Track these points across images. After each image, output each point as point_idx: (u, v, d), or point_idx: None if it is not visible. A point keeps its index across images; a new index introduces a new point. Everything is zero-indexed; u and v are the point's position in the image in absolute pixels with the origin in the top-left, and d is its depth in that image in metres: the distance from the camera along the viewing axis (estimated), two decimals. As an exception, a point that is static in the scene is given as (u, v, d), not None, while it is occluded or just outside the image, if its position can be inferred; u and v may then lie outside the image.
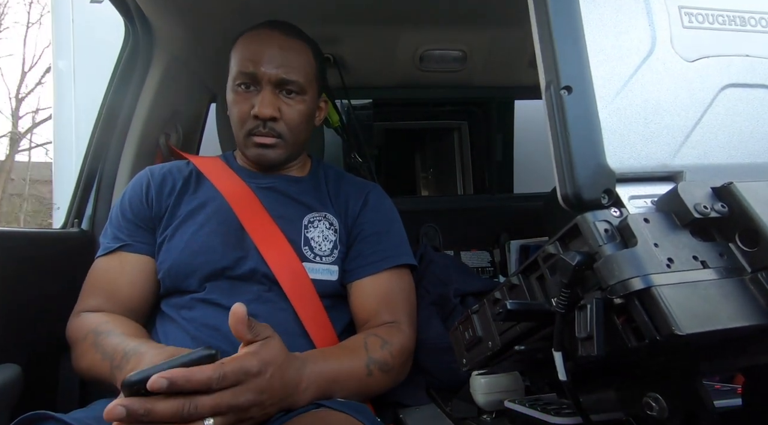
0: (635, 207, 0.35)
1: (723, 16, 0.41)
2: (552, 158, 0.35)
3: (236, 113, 0.74)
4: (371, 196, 0.80)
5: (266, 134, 0.73)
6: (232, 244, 0.70)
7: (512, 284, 0.42)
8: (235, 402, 0.46)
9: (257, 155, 0.74)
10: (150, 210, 0.74)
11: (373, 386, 0.65)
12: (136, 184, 0.77)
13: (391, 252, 0.75)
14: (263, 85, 0.72)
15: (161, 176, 0.77)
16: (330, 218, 0.76)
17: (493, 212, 1.38)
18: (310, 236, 0.73)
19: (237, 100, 0.73)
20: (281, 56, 0.73)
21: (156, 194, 0.74)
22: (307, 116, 0.77)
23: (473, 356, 0.48)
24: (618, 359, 0.34)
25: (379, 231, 0.77)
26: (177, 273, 0.69)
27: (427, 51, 1.14)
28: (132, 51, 0.97)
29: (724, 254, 0.33)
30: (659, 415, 0.37)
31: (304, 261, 0.71)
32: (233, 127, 0.76)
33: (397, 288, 0.74)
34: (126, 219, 0.74)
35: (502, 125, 1.55)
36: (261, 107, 0.71)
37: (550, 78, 0.35)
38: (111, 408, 0.41)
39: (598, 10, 0.38)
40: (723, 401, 0.49)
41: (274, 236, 0.71)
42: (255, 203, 0.73)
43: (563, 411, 0.50)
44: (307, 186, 0.80)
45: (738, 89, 0.40)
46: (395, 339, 0.68)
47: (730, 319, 0.30)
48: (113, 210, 0.76)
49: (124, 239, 0.72)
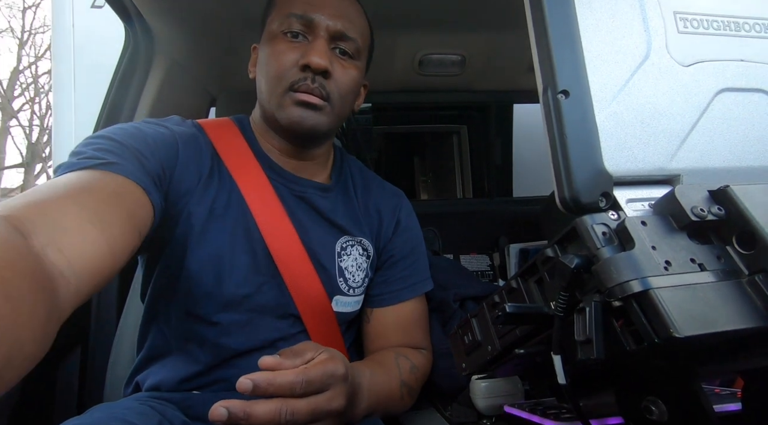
0: (633, 210, 0.36)
1: (718, 21, 0.42)
2: (550, 161, 0.36)
3: (276, 65, 0.58)
4: (403, 214, 0.72)
5: (314, 91, 0.58)
6: (257, 267, 0.59)
7: (511, 288, 0.42)
8: (329, 407, 0.44)
9: (298, 117, 0.58)
10: (170, 173, 0.55)
11: (399, 408, 0.62)
12: (165, 136, 0.57)
13: (418, 279, 0.70)
14: (318, 33, 0.59)
15: (188, 142, 0.59)
16: (364, 244, 0.67)
17: (493, 216, 1.39)
18: (344, 266, 0.64)
19: (279, 49, 0.58)
20: (342, 7, 0.61)
21: (183, 163, 0.56)
22: (357, 85, 0.64)
23: (473, 360, 0.48)
24: (617, 362, 0.34)
25: (407, 256, 0.70)
26: (185, 290, 0.58)
27: (426, 55, 1.15)
28: (132, 55, 0.97)
29: (721, 257, 0.33)
30: (659, 419, 0.37)
31: (337, 294, 0.63)
32: (265, 85, 0.61)
33: (418, 315, 0.70)
34: (136, 140, 0.53)
35: (501, 129, 1.56)
36: (314, 55, 0.56)
37: (547, 82, 0.36)
38: (214, 408, 0.41)
39: (595, 15, 0.38)
40: (723, 405, 0.49)
41: (302, 264, 0.60)
42: (284, 220, 0.61)
43: (563, 415, 0.49)
44: (336, 198, 0.68)
45: (733, 94, 0.40)
46: (421, 364, 0.66)
47: (728, 322, 0.30)
48: (99, 134, 0.53)
49: (101, 157, 0.48)
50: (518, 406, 0.55)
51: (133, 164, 0.50)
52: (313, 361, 0.46)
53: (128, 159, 0.50)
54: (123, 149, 0.51)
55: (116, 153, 0.50)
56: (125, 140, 0.52)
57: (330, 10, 0.60)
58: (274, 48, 0.60)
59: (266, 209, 0.60)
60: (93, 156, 0.48)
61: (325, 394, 0.45)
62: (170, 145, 0.57)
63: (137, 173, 0.49)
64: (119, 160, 0.49)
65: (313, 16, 0.59)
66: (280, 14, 0.61)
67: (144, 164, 0.51)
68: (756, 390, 0.41)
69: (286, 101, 0.59)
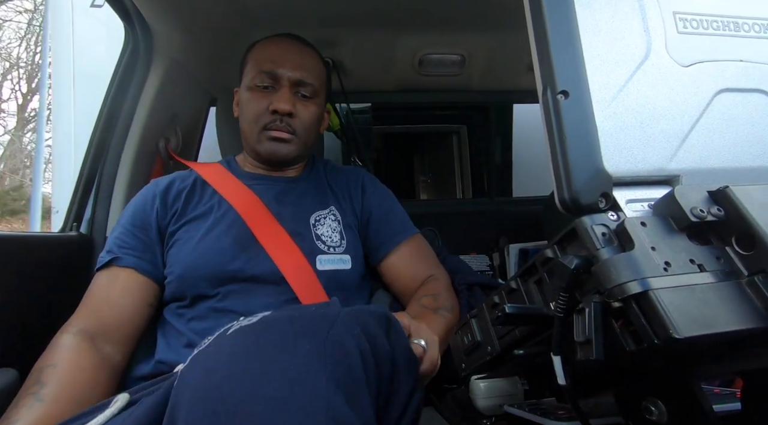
0: (632, 211, 0.36)
1: (717, 21, 0.42)
2: (549, 162, 0.36)
3: (252, 110, 0.78)
4: (365, 181, 0.87)
5: (282, 129, 0.77)
6: (242, 246, 0.72)
7: (511, 288, 0.42)
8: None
9: (272, 149, 0.78)
10: (155, 220, 0.74)
11: (452, 323, 0.72)
12: (142, 195, 0.78)
13: (403, 226, 0.84)
14: (282, 84, 0.77)
15: (166, 185, 0.79)
16: (333, 211, 0.81)
17: (492, 216, 1.39)
18: (320, 233, 0.77)
19: (254, 97, 0.78)
20: (300, 59, 0.79)
21: (161, 204, 0.76)
22: (317, 118, 0.83)
23: (473, 361, 0.48)
24: (617, 363, 0.34)
25: (387, 212, 0.85)
26: (189, 277, 0.69)
27: (426, 55, 1.15)
28: (131, 55, 0.97)
29: (720, 258, 0.33)
30: (659, 420, 0.37)
31: (319, 254, 0.75)
32: (246, 125, 0.79)
33: (418, 251, 0.83)
34: (125, 229, 0.74)
35: (501, 129, 1.56)
36: (280, 103, 0.76)
37: (547, 83, 0.36)
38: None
39: (594, 15, 0.38)
40: (722, 405, 0.49)
41: (280, 236, 0.74)
42: (260, 206, 0.76)
43: (562, 416, 0.49)
44: (307, 184, 0.83)
45: (732, 94, 0.40)
46: (437, 287, 0.78)
47: (727, 323, 0.30)
48: (117, 223, 0.77)
49: (115, 251, 0.71)
50: (518, 406, 0.55)
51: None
52: None
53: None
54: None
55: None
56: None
57: (290, 64, 0.78)
58: (250, 96, 0.78)
59: (246, 204, 0.76)
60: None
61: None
62: (143, 203, 0.77)
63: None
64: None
65: (277, 71, 0.77)
66: (252, 70, 0.79)
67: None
68: (755, 390, 0.41)
69: (262, 137, 0.78)
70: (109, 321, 0.67)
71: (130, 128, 0.99)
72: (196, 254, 0.70)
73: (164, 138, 1.06)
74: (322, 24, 1.02)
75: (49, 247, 0.89)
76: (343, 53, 1.13)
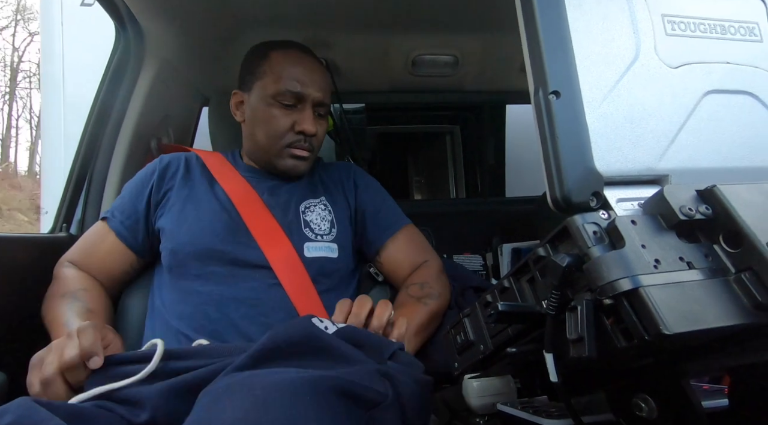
0: (623, 210, 0.36)
1: (704, 24, 0.43)
2: (541, 161, 0.36)
3: (276, 127, 0.79)
4: (357, 176, 0.90)
5: (305, 148, 0.81)
6: (232, 230, 0.75)
7: (503, 287, 0.42)
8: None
9: (293, 166, 0.81)
10: (147, 194, 0.79)
11: (435, 309, 0.76)
12: (147, 168, 0.83)
13: (396, 217, 0.88)
14: (307, 104, 0.80)
15: (168, 161, 0.83)
16: (324, 202, 0.84)
17: (486, 216, 1.39)
18: (309, 220, 0.80)
19: (278, 114, 0.79)
20: (321, 81, 0.82)
21: (158, 179, 0.80)
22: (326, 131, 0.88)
23: (465, 359, 0.48)
24: (608, 360, 0.34)
25: (380, 206, 0.88)
26: (179, 252, 0.74)
27: (420, 56, 1.15)
28: (123, 54, 0.96)
29: (709, 256, 0.34)
30: (648, 416, 0.37)
31: (306, 241, 0.77)
32: (265, 139, 0.81)
33: (412, 240, 0.87)
34: (123, 197, 0.80)
35: (493, 129, 1.57)
36: (308, 125, 0.79)
37: (539, 83, 0.36)
38: None
39: (585, 17, 0.39)
40: (711, 401, 0.50)
41: (270, 225, 0.76)
42: (253, 195, 0.79)
43: (555, 414, 0.50)
44: (301, 180, 0.86)
45: (720, 95, 0.41)
46: (426, 275, 0.81)
47: (716, 319, 0.30)
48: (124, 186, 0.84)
49: (116, 215, 0.78)
50: (511, 404, 0.55)
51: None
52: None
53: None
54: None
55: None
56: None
57: (315, 86, 0.80)
58: (273, 113, 0.79)
59: (241, 195, 0.79)
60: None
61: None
62: (143, 175, 0.83)
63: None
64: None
65: (304, 93, 0.79)
66: (274, 84, 0.79)
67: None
68: (742, 386, 0.42)
69: (285, 154, 0.81)
70: (93, 271, 0.77)
71: (121, 128, 0.98)
72: (191, 232, 0.74)
73: (156, 138, 1.05)
74: (316, 24, 1.02)
75: (39, 248, 0.88)
76: (337, 54, 1.13)
